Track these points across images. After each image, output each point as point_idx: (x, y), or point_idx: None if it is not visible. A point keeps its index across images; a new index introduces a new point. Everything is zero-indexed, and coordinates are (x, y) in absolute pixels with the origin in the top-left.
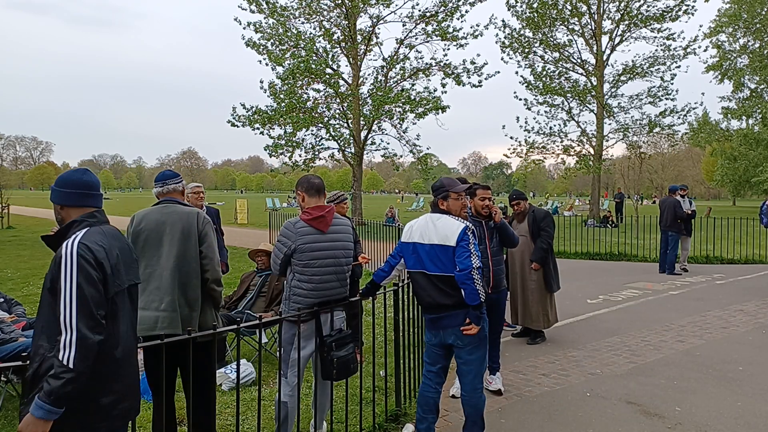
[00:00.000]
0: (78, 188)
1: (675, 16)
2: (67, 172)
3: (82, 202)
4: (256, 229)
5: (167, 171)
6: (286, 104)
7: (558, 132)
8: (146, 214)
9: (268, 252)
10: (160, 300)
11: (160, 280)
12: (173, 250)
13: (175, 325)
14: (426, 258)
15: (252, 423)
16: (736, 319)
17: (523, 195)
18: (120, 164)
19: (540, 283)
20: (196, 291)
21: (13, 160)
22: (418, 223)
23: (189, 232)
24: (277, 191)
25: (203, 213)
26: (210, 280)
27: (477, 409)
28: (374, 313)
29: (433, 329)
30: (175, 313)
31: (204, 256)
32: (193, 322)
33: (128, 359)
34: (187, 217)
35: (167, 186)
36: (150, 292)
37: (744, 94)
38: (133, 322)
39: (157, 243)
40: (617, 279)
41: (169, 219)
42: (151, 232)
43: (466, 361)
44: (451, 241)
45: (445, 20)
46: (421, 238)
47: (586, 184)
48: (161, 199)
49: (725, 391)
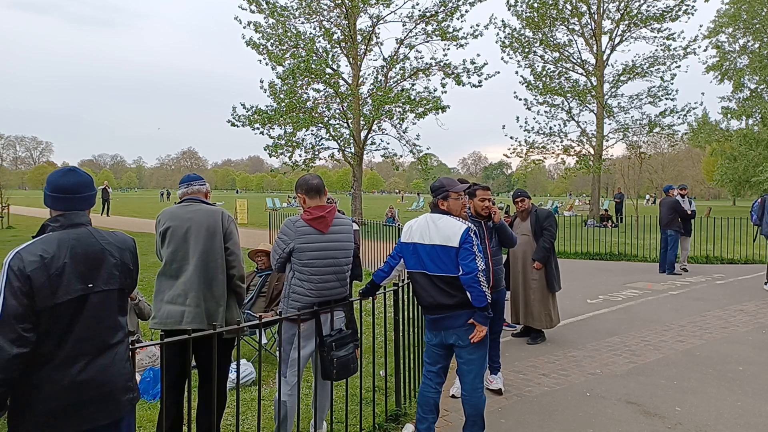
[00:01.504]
0: (52, 191)
1: (675, 16)
2: (53, 172)
3: (55, 205)
4: (256, 229)
5: (192, 174)
6: (286, 104)
7: (558, 132)
8: (172, 212)
9: (268, 252)
10: (186, 295)
11: (186, 275)
12: (198, 246)
13: (200, 319)
14: (427, 258)
15: (252, 423)
16: (736, 319)
17: (526, 194)
18: (120, 164)
19: (542, 283)
20: (222, 286)
21: (13, 160)
22: (417, 223)
23: (214, 230)
24: (277, 191)
25: (227, 212)
26: (236, 276)
27: (477, 408)
28: (374, 313)
29: (434, 329)
30: (199, 308)
31: (230, 253)
32: (219, 317)
33: (62, 376)
34: (213, 214)
35: (192, 187)
36: (176, 287)
37: (744, 94)
38: (93, 334)
39: (183, 240)
40: (617, 279)
41: (194, 216)
42: (177, 228)
43: (467, 360)
44: (453, 242)
45: (445, 20)
46: (421, 238)
47: (586, 184)
48: (185, 198)
49: (725, 391)
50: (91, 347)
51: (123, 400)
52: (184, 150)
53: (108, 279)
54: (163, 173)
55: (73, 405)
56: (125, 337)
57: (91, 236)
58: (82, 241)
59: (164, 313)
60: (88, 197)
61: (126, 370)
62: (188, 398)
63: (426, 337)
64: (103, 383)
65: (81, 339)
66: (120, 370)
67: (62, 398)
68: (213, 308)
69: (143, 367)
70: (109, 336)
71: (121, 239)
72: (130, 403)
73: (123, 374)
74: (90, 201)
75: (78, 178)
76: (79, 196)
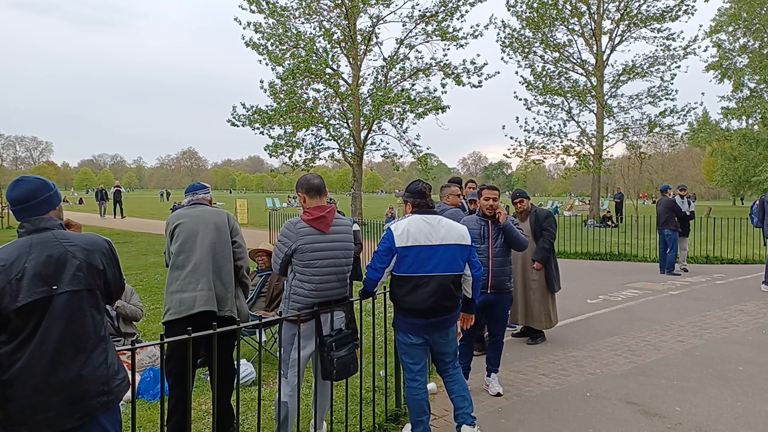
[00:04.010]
0: (10, 205)
1: (675, 16)
2: (7, 188)
3: (17, 216)
4: (256, 229)
5: (197, 183)
6: (286, 104)
7: (558, 132)
8: (182, 213)
9: (269, 252)
10: (197, 281)
11: (196, 264)
12: (207, 239)
13: (211, 302)
14: (439, 259)
15: (252, 423)
16: (736, 319)
17: (525, 194)
18: (120, 164)
19: (542, 283)
20: (230, 275)
21: (13, 160)
22: (412, 226)
23: (222, 226)
24: (277, 191)
25: (231, 213)
26: (243, 267)
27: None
28: (374, 313)
29: (426, 334)
30: (211, 291)
31: (237, 246)
32: (228, 302)
33: (31, 376)
34: (219, 214)
35: (197, 195)
36: (186, 276)
37: (744, 94)
38: (62, 336)
39: (194, 234)
40: (617, 279)
41: (203, 214)
42: (188, 224)
43: (446, 353)
44: (467, 240)
45: (445, 20)
46: (427, 239)
47: (586, 184)
48: (192, 202)
49: (725, 391)
50: (61, 349)
51: (93, 404)
52: (184, 150)
53: (71, 280)
54: (163, 173)
55: (42, 405)
56: (103, 342)
57: (54, 239)
58: (45, 245)
59: (176, 302)
60: (43, 201)
61: (101, 374)
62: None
63: (405, 339)
64: (71, 386)
65: (49, 340)
66: (93, 373)
67: (31, 398)
68: (222, 294)
69: (143, 367)
70: (83, 339)
71: (89, 240)
72: (103, 406)
73: (97, 378)
74: (49, 203)
75: (27, 185)
76: (33, 202)
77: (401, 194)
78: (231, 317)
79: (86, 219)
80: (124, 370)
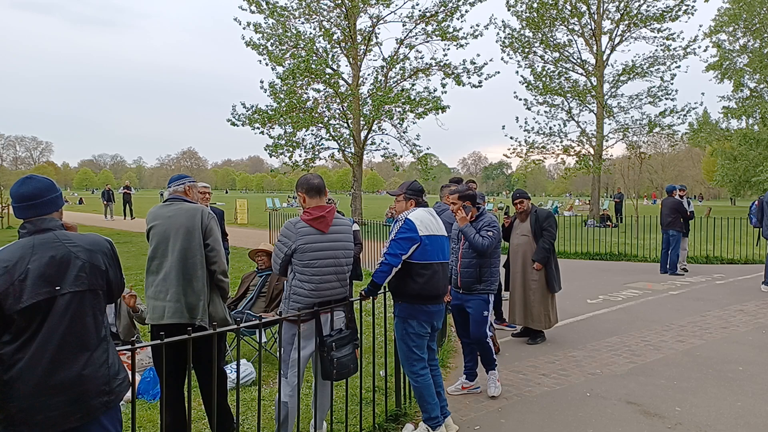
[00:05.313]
0: (15, 202)
1: (675, 16)
2: (13, 184)
3: (20, 214)
4: (256, 229)
5: (174, 175)
6: (286, 104)
7: (558, 132)
8: (155, 212)
9: (269, 252)
10: (167, 291)
11: (167, 273)
12: (177, 245)
13: (179, 314)
14: (443, 248)
15: (252, 423)
16: (736, 319)
17: (526, 194)
18: (120, 164)
19: (542, 283)
20: (202, 282)
21: (13, 160)
22: (424, 216)
23: (192, 227)
24: (277, 191)
25: (207, 209)
26: (217, 271)
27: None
28: (374, 313)
29: (435, 320)
30: (179, 303)
31: (210, 249)
32: (199, 311)
33: (32, 376)
34: (192, 212)
35: (172, 187)
36: (158, 284)
37: (744, 94)
38: (64, 336)
39: (165, 240)
40: (617, 279)
41: (174, 215)
42: (157, 227)
43: (434, 341)
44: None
45: (445, 20)
46: (437, 230)
47: (586, 184)
48: (168, 197)
49: (725, 391)
50: (63, 349)
51: (94, 404)
52: (184, 150)
53: (74, 281)
54: (163, 173)
55: (44, 405)
56: (104, 342)
57: (57, 240)
58: (47, 245)
59: (151, 309)
60: (49, 201)
61: (102, 374)
62: (188, 397)
63: (420, 330)
64: (72, 386)
65: (51, 341)
66: (94, 373)
67: (32, 398)
68: (194, 302)
69: (143, 367)
70: (84, 339)
71: (91, 240)
72: (104, 406)
73: (98, 377)
74: (54, 204)
75: (36, 184)
76: (40, 201)
77: (396, 192)
78: (202, 326)
79: (86, 219)
80: (124, 370)
